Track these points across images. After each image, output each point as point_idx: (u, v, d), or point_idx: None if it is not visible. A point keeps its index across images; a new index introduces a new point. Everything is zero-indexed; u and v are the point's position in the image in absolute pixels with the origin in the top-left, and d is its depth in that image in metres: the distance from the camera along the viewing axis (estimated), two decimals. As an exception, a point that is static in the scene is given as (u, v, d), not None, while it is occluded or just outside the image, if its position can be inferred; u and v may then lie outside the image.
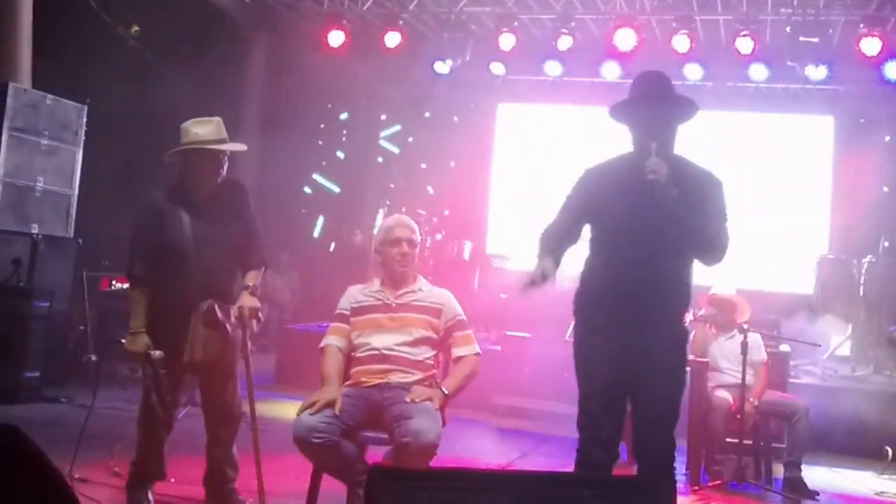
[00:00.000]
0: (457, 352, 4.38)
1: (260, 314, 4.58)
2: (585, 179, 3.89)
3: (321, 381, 4.20)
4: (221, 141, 4.55)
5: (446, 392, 4.21)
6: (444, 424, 4.10)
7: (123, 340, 4.51)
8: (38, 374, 7.52)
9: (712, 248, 3.79)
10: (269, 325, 11.81)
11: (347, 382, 4.26)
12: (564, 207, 3.91)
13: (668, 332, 3.81)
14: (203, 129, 4.51)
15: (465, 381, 4.32)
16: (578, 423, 3.79)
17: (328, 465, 4.05)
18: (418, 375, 4.24)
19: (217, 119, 4.61)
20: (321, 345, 4.39)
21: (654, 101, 3.77)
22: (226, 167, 4.59)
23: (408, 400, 4.04)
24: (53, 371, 7.79)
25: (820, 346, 7.35)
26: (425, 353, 4.32)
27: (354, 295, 4.48)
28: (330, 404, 3.99)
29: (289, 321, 11.34)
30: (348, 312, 4.41)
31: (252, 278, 4.58)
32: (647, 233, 3.69)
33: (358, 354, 4.33)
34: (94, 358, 8.22)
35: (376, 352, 4.27)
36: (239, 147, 4.64)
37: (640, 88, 3.85)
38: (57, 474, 2.76)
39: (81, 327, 8.34)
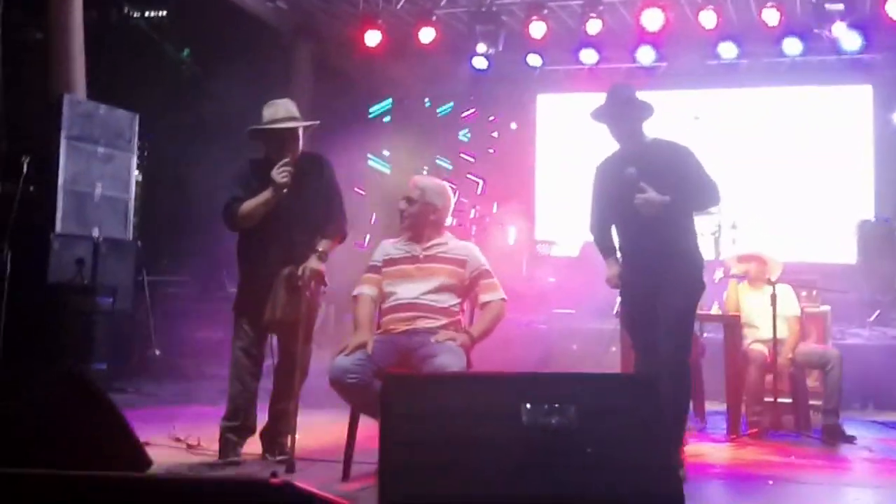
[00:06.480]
0: (483, 298, 4.62)
1: (325, 278, 4.87)
2: (595, 177, 5.09)
3: (354, 327, 4.50)
4: (291, 119, 4.93)
5: (474, 335, 4.47)
6: (469, 367, 4.35)
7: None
8: (104, 366, 7.89)
9: (701, 199, 4.86)
10: (328, 324, 12.10)
11: (378, 331, 4.55)
12: (592, 205, 5.09)
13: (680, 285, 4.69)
14: (270, 110, 4.93)
15: (491, 324, 4.56)
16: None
17: (362, 405, 4.32)
18: (444, 321, 4.50)
19: (285, 100, 5.01)
20: (353, 293, 4.70)
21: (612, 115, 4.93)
22: (298, 142, 4.92)
23: (433, 340, 4.31)
24: (119, 365, 8.17)
25: (847, 292, 7.37)
26: (450, 300, 4.58)
27: (386, 249, 4.79)
28: (362, 346, 4.30)
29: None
30: (380, 264, 4.71)
31: (324, 244, 4.85)
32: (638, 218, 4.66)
33: (386, 304, 4.63)
34: (158, 353, 8.64)
35: (403, 301, 4.55)
36: (307, 123, 5.00)
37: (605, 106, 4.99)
38: (118, 414, 3.07)
39: (144, 324, 8.75)
